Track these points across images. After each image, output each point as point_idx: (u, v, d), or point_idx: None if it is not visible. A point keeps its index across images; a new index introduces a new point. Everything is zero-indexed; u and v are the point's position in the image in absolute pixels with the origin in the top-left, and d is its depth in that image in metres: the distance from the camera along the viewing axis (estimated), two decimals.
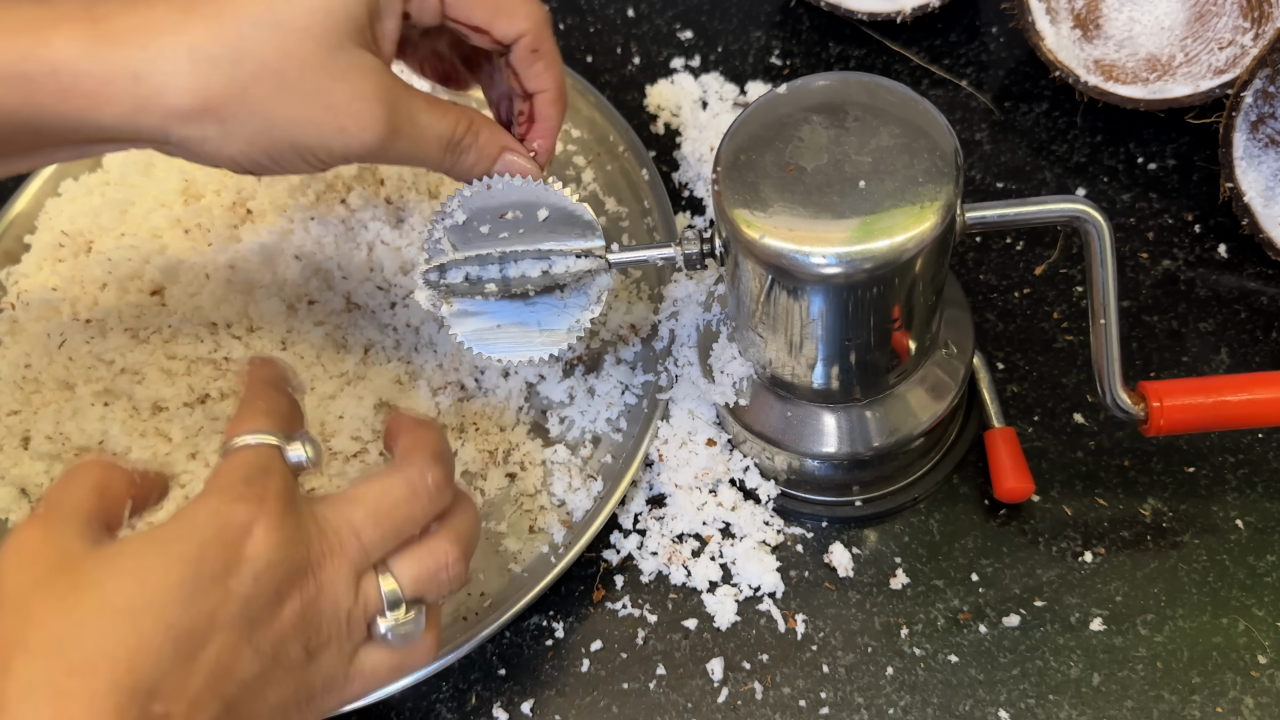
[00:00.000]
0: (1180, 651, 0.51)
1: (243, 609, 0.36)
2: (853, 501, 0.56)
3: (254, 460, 0.39)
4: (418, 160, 0.46)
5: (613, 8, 0.75)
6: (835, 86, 0.46)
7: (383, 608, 0.40)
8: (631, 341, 0.60)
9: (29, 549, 0.36)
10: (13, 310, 0.63)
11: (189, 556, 0.35)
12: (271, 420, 0.41)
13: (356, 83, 0.43)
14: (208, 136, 0.42)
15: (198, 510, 0.37)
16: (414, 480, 0.41)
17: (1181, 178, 0.64)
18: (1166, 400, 0.50)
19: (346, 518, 0.40)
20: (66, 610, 0.34)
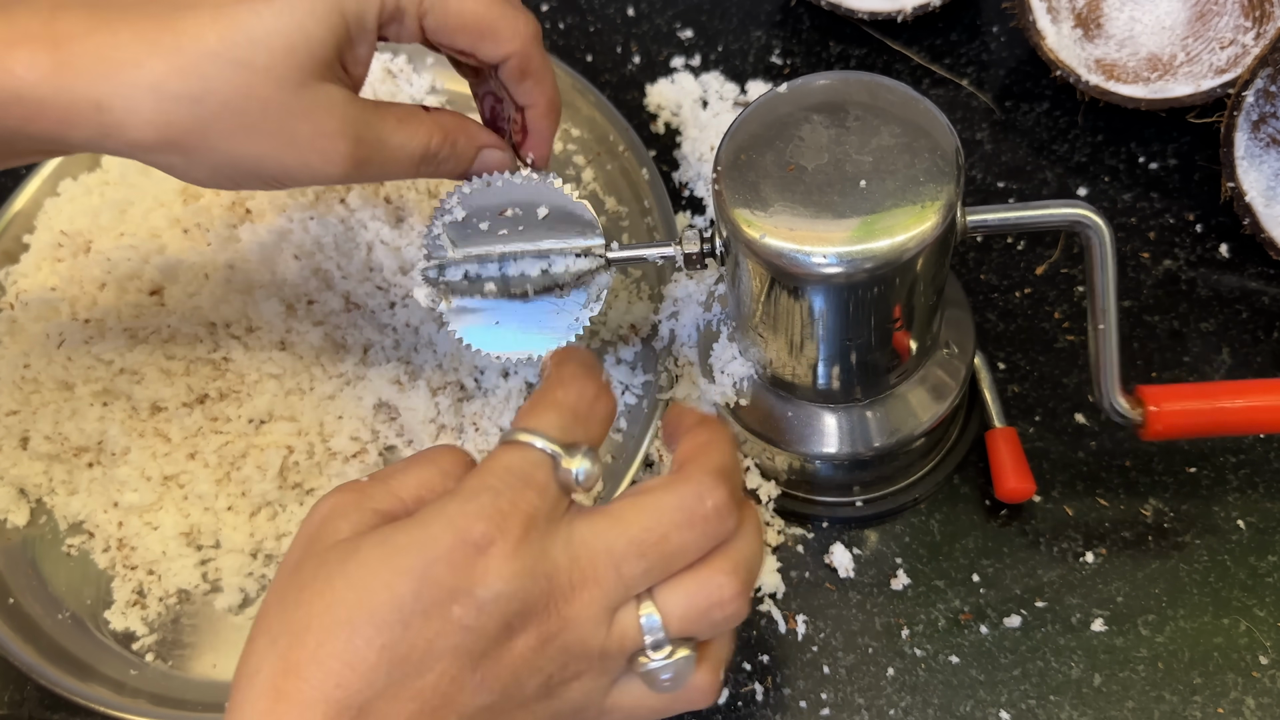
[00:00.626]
0: (1181, 652, 0.51)
1: (465, 639, 0.33)
2: (853, 502, 0.56)
3: (517, 467, 0.35)
4: (391, 177, 0.46)
5: (613, 7, 0.75)
6: (836, 86, 0.46)
7: (644, 645, 0.36)
8: (631, 341, 0.59)
9: (321, 516, 0.36)
10: (12, 310, 0.63)
11: (415, 573, 0.33)
12: (559, 418, 0.37)
13: (320, 120, 0.42)
14: (173, 164, 0.42)
15: (437, 517, 0.34)
16: (691, 504, 0.36)
17: (1183, 177, 0.64)
18: (1164, 405, 0.50)
19: (606, 545, 0.35)
20: (301, 605, 0.34)
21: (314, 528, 0.36)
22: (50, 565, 0.57)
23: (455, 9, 0.44)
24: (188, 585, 0.56)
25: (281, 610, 0.34)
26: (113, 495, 0.57)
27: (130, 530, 0.56)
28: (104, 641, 0.55)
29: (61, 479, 0.59)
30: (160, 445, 0.58)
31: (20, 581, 0.57)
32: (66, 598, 0.56)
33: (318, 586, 0.34)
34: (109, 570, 0.57)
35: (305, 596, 0.34)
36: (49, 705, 0.55)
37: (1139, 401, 0.50)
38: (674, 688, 0.37)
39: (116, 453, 0.58)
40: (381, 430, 0.58)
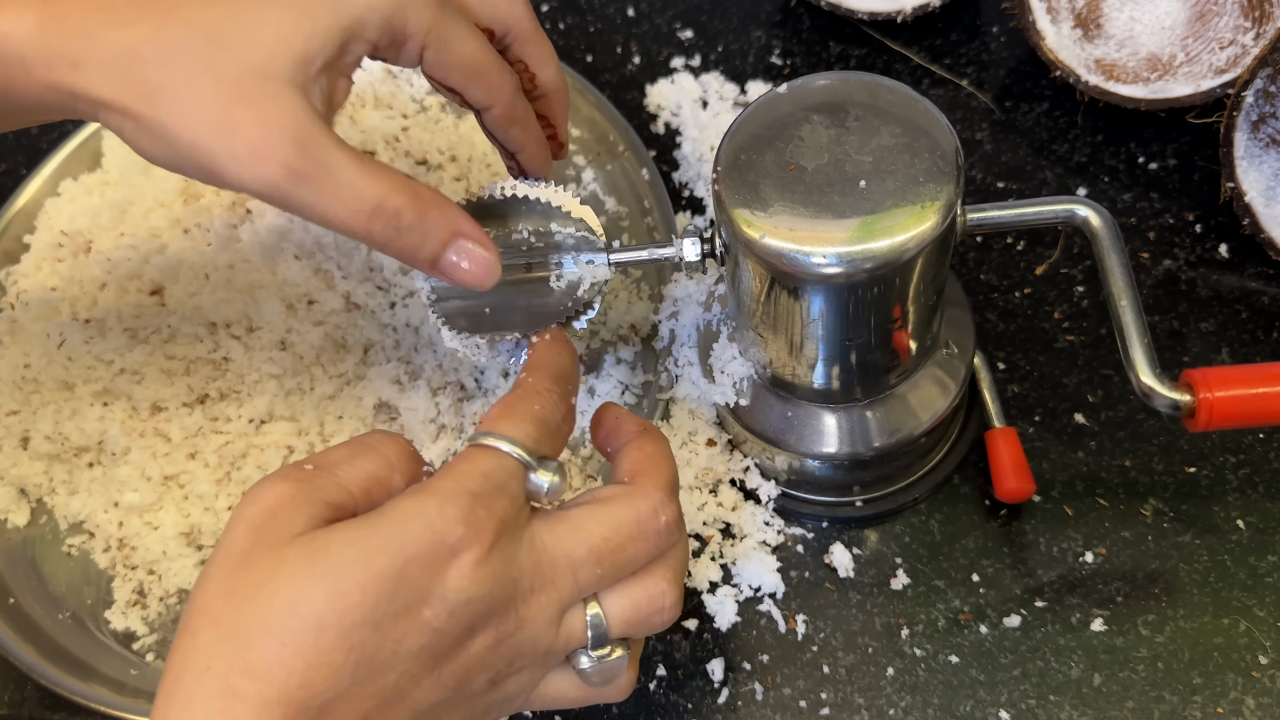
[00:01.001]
0: (1181, 652, 0.51)
1: (431, 642, 0.34)
2: (853, 502, 0.56)
3: (493, 472, 0.36)
4: (327, 218, 0.41)
5: (613, 7, 0.75)
6: (836, 86, 0.46)
7: (586, 644, 0.38)
8: (631, 341, 0.59)
9: (266, 506, 0.35)
10: (12, 310, 0.63)
11: (389, 574, 0.33)
12: (534, 430, 0.38)
13: (268, 113, 0.39)
14: (124, 128, 0.41)
15: (413, 515, 0.35)
16: (646, 519, 0.38)
17: (1182, 177, 0.64)
18: (1218, 391, 0.44)
19: (566, 552, 0.37)
20: (259, 603, 0.33)
21: (261, 516, 0.35)
22: (51, 565, 0.57)
23: (458, 49, 0.43)
24: (188, 585, 0.56)
25: (232, 604, 0.33)
26: (113, 495, 0.57)
27: (131, 530, 0.57)
28: (104, 641, 0.55)
29: (62, 479, 0.59)
30: (160, 445, 0.58)
31: (21, 581, 0.57)
32: (67, 597, 0.56)
33: (278, 585, 0.33)
34: (109, 570, 0.57)
35: (263, 594, 0.33)
36: (49, 705, 0.55)
37: (1187, 388, 0.45)
38: (603, 683, 0.39)
39: (117, 453, 0.58)
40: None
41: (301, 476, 0.36)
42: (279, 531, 0.34)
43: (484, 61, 0.45)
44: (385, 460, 0.38)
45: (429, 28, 0.42)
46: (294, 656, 0.32)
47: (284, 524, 0.35)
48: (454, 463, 0.37)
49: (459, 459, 0.37)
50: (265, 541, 0.34)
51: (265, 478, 0.36)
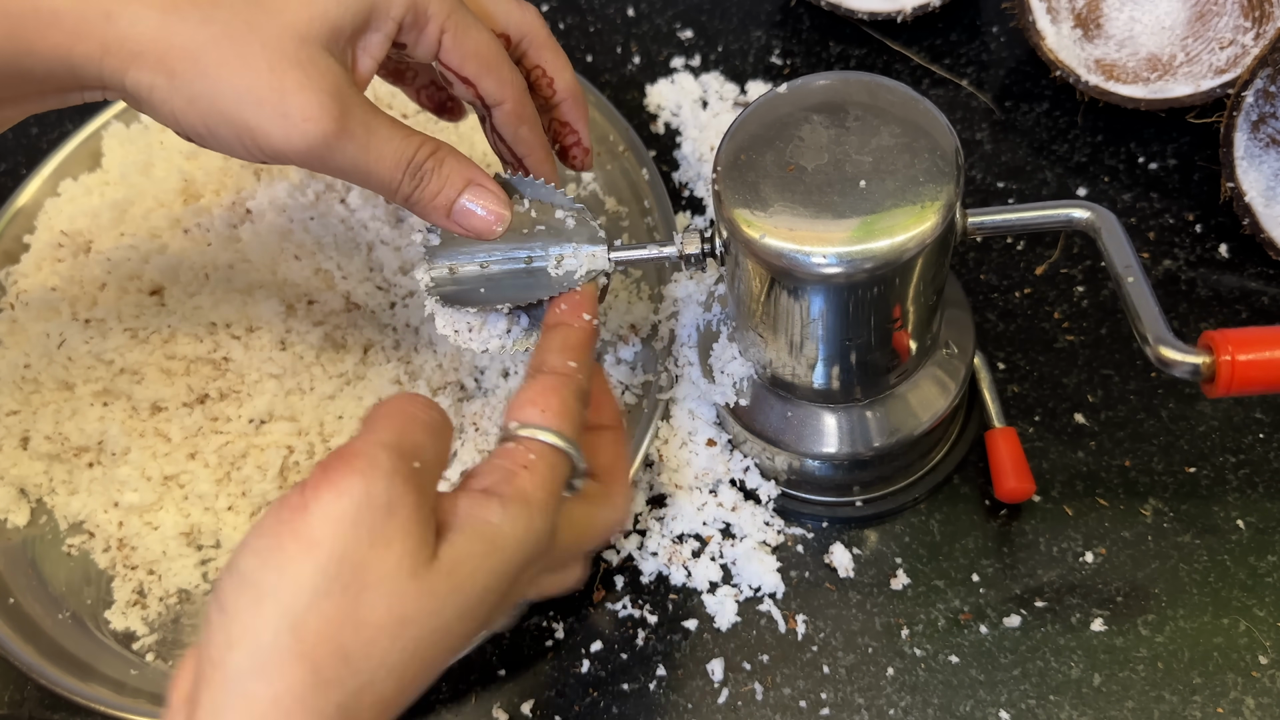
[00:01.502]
0: (1181, 652, 0.51)
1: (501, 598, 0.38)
2: (853, 502, 0.56)
3: (561, 472, 0.40)
4: (370, 174, 0.44)
5: (613, 7, 0.75)
6: (835, 86, 0.46)
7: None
8: (631, 341, 0.59)
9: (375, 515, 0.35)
10: (12, 310, 0.63)
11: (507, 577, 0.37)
12: (572, 422, 0.41)
13: (311, 74, 0.41)
14: (156, 85, 0.41)
15: (516, 524, 0.37)
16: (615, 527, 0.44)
17: (1182, 177, 0.64)
18: (1239, 354, 0.42)
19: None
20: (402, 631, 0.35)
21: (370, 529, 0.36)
22: (51, 565, 0.57)
23: (475, 36, 0.46)
24: (188, 585, 0.56)
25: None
26: (113, 495, 0.57)
27: (130, 530, 0.57)
28: (104, 641, 0.55)
29: (62, 479, 0.59)
30: (160, 445, 0.58)
31: (20, 581, 0.57)
32: (67, 597, 0.56)
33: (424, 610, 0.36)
34: (109, 570, 0.57)
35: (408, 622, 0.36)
36: (49, 705, 0.55)
37: (1206, 350, 0.43)
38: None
39: (117, 453, 0.58)
40: None
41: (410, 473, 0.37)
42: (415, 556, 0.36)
43: (498, 54, 0.46)
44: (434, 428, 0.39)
45: (449, 12, 0.45)
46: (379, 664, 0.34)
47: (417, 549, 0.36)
48: (529, 466, 0.39)
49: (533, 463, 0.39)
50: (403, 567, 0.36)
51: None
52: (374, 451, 0.35)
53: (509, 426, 0.40)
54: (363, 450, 0.35)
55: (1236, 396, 0.56)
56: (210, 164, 0.65)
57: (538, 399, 0.41)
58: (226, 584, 0.34)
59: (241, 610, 0.33)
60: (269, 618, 0.33)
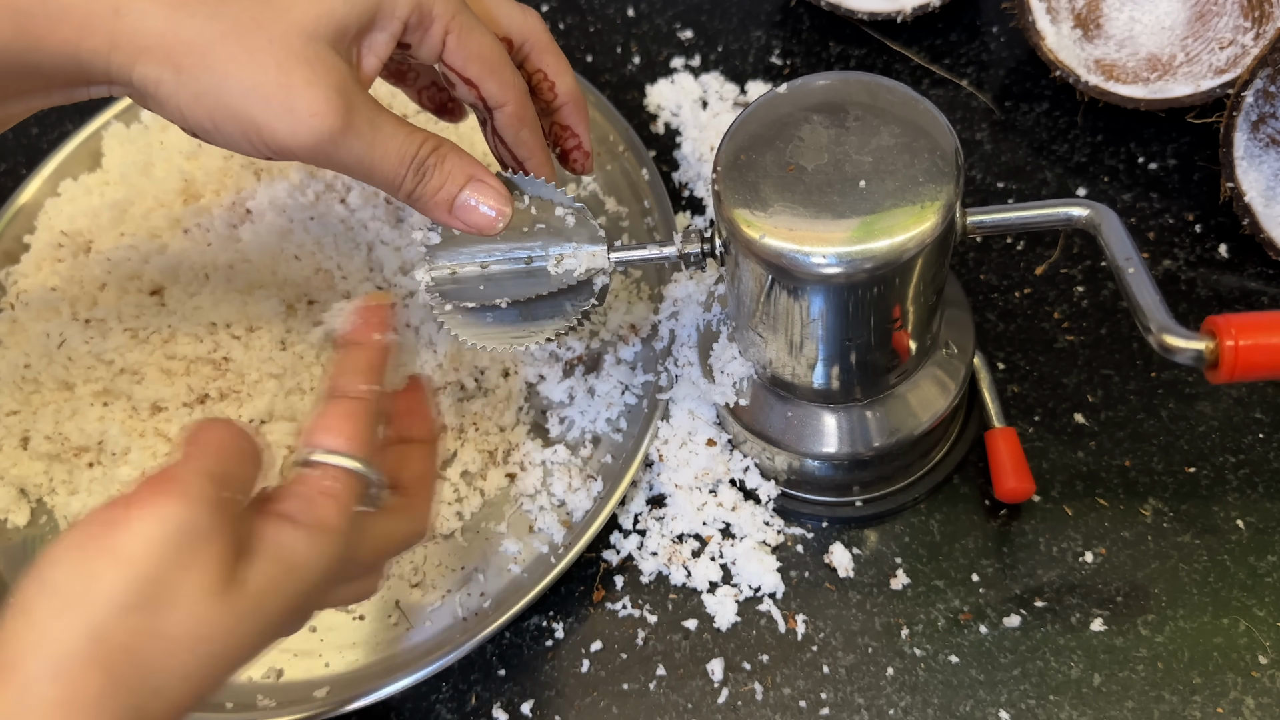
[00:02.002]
0: (1181, 652, 0.51)
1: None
2: (853, 502, 0.56)
3: (356, 494, 0.40)
4: (374, 170, 0.44)
5: (613, 8, 0.75)
6: (835, 86, 0.46)
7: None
8: (631, 341, 0.59)
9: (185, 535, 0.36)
10: (12, 310, 0.63)
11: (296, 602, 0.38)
12: (367, 444, 0.42)
13: (319, 70, 0.42)
14: (163, 79, 0.42)
15: (312, 549, 0.38)
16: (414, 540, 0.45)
17: (1182, 177, 0.64)
18: (1243, 339, 0.41)
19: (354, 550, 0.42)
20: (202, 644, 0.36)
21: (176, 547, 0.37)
22: None
23: (478, 38, 0.46)
24: None
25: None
26: (113, 495, 0.57)
27: None
28: None
29: (62, 479, 0.59)
30: (161, 445, 0.58)
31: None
32: None
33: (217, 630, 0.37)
34: None
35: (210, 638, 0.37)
36: None
37: (1209, 335, 0.42)
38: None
39: (117, 453, 0.58)
40: (382, 430, 0.58)
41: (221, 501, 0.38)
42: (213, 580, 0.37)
43: (501, 57, 0.47)
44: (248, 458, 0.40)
45: (453, 13, 0.45)
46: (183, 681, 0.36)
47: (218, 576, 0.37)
48: (339, 492, 0.40)
49: (340, 486, 0.40)
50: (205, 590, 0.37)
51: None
52: (194, 479, 0.36)
53: (304, 452, 0.41)
54: (183, 477, 0.36)
55: (1237, 396, 0.57)
56: (210, 164, 0.65)
57: (333, 425, 0.41)
58: (31, 590, 0.35)
59: (44, 616, 0.34)
60: (71, 625, 0.34)
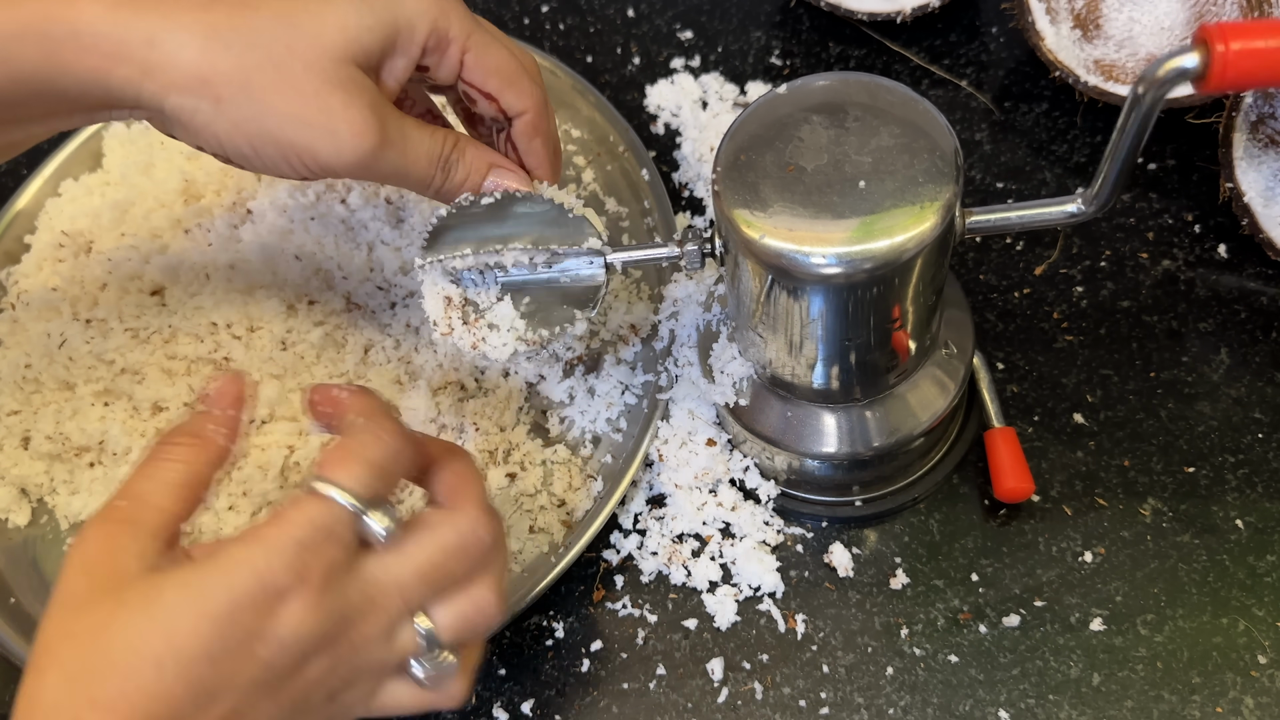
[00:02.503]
0: (1180, 651, 0.51)
1: (266, 673, 0.36)
2: (853, 501, 0.56)
3: (321, 520, 0.38)
4: (406, 175, 0.47)
5: (613, 8, 0.75)
6: (835, 86, 0.46)
7: (419, 653, 0.40)
8: (631, 341, 0.60)
9: (94, 552, 0.37)
10: (13, 310, 0.63)
11: (220, 616, 0.35)
12: (368, 476, 0.39)
13: (353, 93, 0.44)
14: (200, 109, 0.43)
15: (241, 562, 0.36)
16: (467, 537, 0.41)
17: (1181, 178, 0.64)
18: (1233, 43, 0.39)
19: (395, 579, 0.39)
20: (100, 644, 0.35)
21: (93, 561, 0.37)
22: (52, 565, 0.57)
23: (495, 52, 0.48)
24: None
25: (75, 645, 0.35)
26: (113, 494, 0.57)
27: None
28: None
29: (63, 479, 0.59)
30: None
31: (22, 581, 0.57)
32: None
33: (117, 627, 0.35)
34: None
35: (105, 636, 0.35)
36: None
37: (1201, 43, 0.40)
38: (435, 687, 0.41)
39: (118, 452, 0.58)
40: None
41: (118, 515, 0.38)
42: (113, 575, 0.36)
43: (517, 68, 0.48)
44: (182, 464, 0.39)
45: (469, 32, 0.47)
46: (136, 690, 0.34)
47: (117, 566, 0.36)
48: (286, 509, 0.38)
49: (291, 505, 0.38)
50: (100, 586, 0.36)
51: (89, 521, 0.38)
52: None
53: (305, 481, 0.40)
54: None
55: (1237, 396, 0.57)
56: (211, 165, 0.66)
57: (329, 455, 0.40)
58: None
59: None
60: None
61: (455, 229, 0.49)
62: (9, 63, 0.42)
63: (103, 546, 0.37)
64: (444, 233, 0.48)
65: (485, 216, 0.49)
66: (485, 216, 0.49)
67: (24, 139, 0.49)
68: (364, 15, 0.44)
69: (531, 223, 0.49)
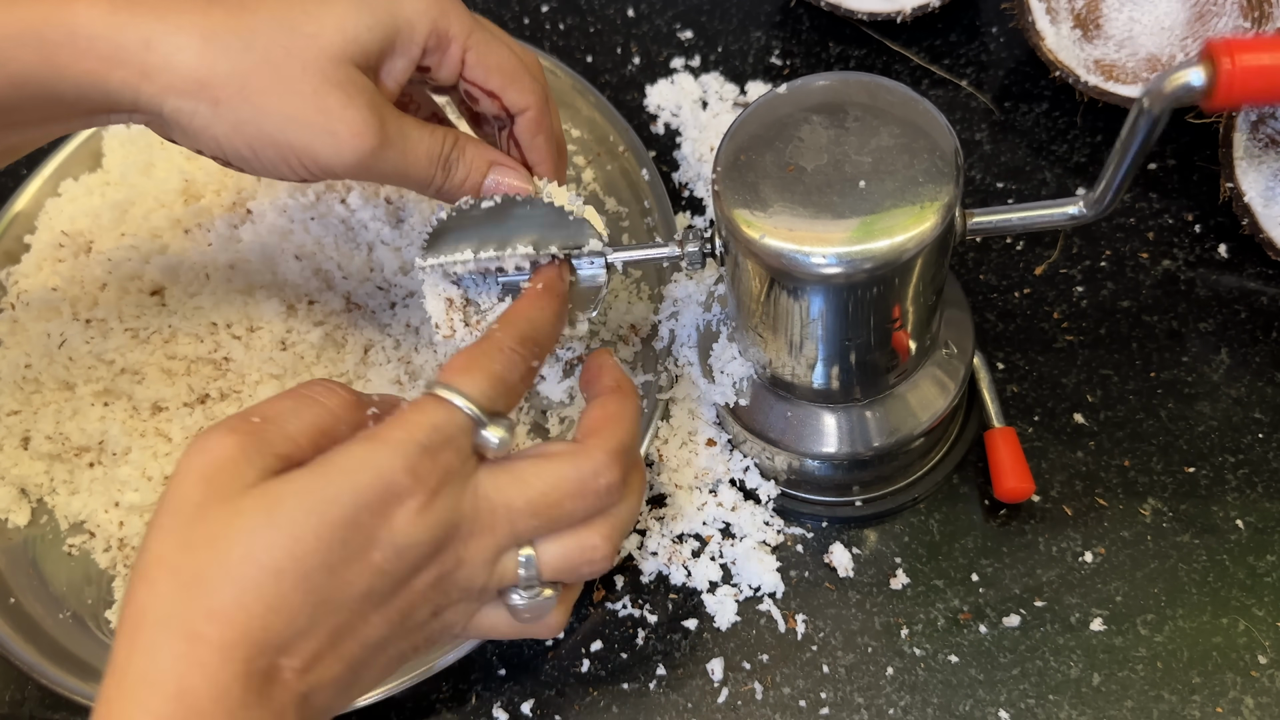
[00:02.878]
0: (1180, 651, 0.51)
1: (380, 582, 0.36)
2: (853, 501, 0.56)
3: (442, 424, 0.38)
4: (406, 175, 0.47)
5: (613, 8, 0.75)
6: (835, 86, 0.46)
7: (518, 583, 0.41)
8: (631, 341, 0.60)
9: (216, 459, 0.36)
10: (13, 310, 0.63)
11: (341, 521, 0.35)
12: (489, 387, 0.40)
13: (352, 93, 0.44)
14: (198, 112, 0.43)
15: (363, 464, 0.36)
16: (587, 479, 0.41)
17: (1181, 178, 0.64)
18: (1240, 58, 0.39)
19: (506, 501, 0.39)
20: (218, 552, 0.34)
21: (211, 469, 0.36)
22: (51, 565, 0.57)
23: (496, 50, 0.48)
24: None
25: (190, 554, 0.35)
26: (114, 495, 0.57)
27: (131, 530, 0.57)
28: (105, 641, 0.55)
29: (63, 479, 0.59)
30: (161, 445, 0.58)
31: (21, 581, 0.57)
32: (67, 597, 0.56)
33: (235, 535, 0.35)
34: (110, 570, 0.57)
35: (221, 543, 0.34)
36: (50, 705, 0.55)
37: (1207, 60, 0.40)
38: (532, 620, 0.42)
39: (118, 452, 0.58)
40: None
41: (250, 429, 0.37)
42: (231, 483, 0.36)
43: (518, 65, 0.48)
44: (330, 411, 0.39)
45: (469, 31, 0.47)
46: (254, 600, 0.34)
47: (235, 476, 0.36)
48: (407, 411, 0.38)
49: (412, 408, 0.38)
50: (218, 494, 0.35)
51: (212, 428, 0.37)
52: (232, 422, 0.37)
53: (429, 384, 0.40)
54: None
55: (1237, 396, 0.57)
56: (211, 164, 0.65)
57: (454, 361, 0.40)
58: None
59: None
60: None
61: (455, 230, 0.48)
62: (6, 66, 0.42)
63: (226, 455, 0.36)
64: (444, 234, 0.48)
65: (485, 218, 0.48)
66: (485, 218, 0.48)
67: (22, 143, 0.49)
68: (363, 16, 0.44)
69: (532, 225, 0.49)
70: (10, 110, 0.44)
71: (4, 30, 0.42)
